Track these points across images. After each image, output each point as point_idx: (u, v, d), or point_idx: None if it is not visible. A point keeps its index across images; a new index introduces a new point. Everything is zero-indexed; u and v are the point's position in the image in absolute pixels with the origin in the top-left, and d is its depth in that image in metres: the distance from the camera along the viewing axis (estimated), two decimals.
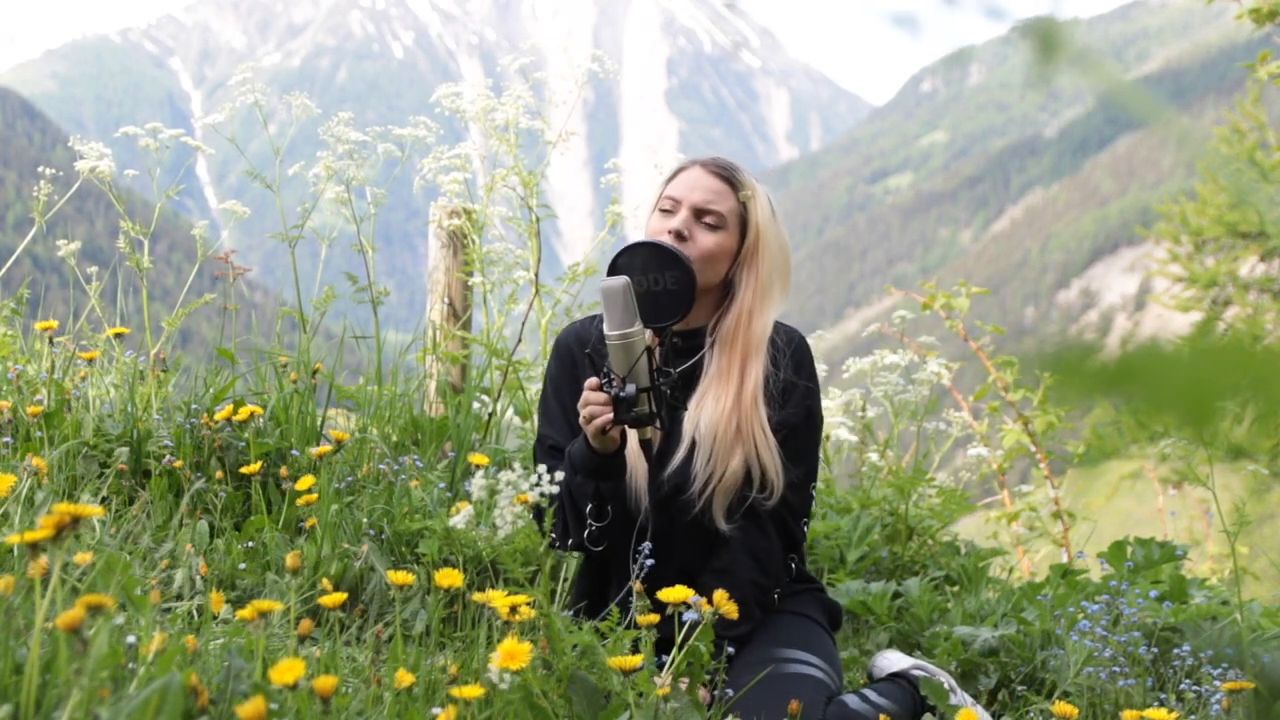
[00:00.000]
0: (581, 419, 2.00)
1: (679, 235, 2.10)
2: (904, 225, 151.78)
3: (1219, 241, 12.42)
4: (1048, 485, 4.29)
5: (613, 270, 2.03)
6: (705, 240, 2.12)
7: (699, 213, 2.13)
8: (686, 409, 2.12)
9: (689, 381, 2.14)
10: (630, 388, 1.94)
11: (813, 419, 2.19)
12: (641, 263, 2.02)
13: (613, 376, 1.96)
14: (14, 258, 3.68)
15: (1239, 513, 2.38)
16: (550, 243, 3.71)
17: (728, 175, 2.16)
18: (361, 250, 3.28)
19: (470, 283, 3.51)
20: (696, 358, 2.16)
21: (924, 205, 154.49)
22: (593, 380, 1.99)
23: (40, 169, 3.49)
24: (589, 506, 2.06)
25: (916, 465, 3.75)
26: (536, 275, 3.36)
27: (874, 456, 3.87)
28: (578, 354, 2.21)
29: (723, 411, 2.09)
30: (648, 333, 2.01)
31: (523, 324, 3.39)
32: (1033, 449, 4.28)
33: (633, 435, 2.08)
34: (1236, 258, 12.39)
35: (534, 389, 3.45)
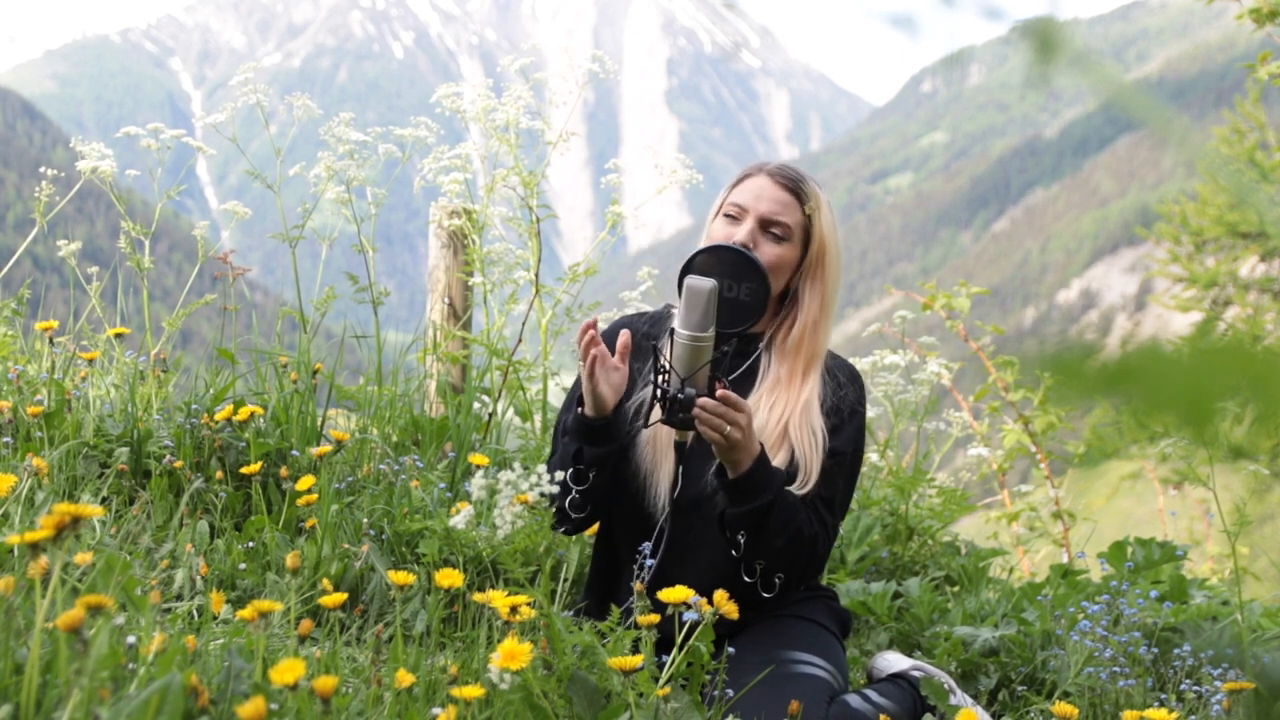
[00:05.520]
0: (580, 352, 1.99)
1: (744, 246, 2.05)
2: (904, 225, 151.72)
3: (1219, 242, 12.42)
4: (1048, 485, 4.29)
5: (689, 265, 1.98)
6: (770, 252, 2.08)
7: (765, 223, 2.09)
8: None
9: (740, 387, 2.12)
10: (690, 391, 1.89)
11: (861, 451, 2.20)
12: (722, 267, 1.98)
13: (670, 373, 1.91)
14: (15, 258, 3.69)
15: (1239, 513, 2.38)
16: (550, 243, 3.70)
17: (795, 186, 2.12)
18: (362, 250, 3.28)
19: (470, 283, 3.51)
20: (750, 363, 2.14)
21: (924, 205, 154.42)
22: (588, 323, 1.97)
23: (41, 169, 3.49)
24: (569, 471, 2.04)
25: (917, 465, 3.75)
26: (537, 275, 3.36)
27: (874, 457, 3.87)
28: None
29: (779, 418, 2.07)
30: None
31: (523, 324, 3.39)
32: (1033, 449, 4.28)
33: (659, 432, 2.07)
34: (1236, 258, 12.40)
35: (534, 389, 3.45)
